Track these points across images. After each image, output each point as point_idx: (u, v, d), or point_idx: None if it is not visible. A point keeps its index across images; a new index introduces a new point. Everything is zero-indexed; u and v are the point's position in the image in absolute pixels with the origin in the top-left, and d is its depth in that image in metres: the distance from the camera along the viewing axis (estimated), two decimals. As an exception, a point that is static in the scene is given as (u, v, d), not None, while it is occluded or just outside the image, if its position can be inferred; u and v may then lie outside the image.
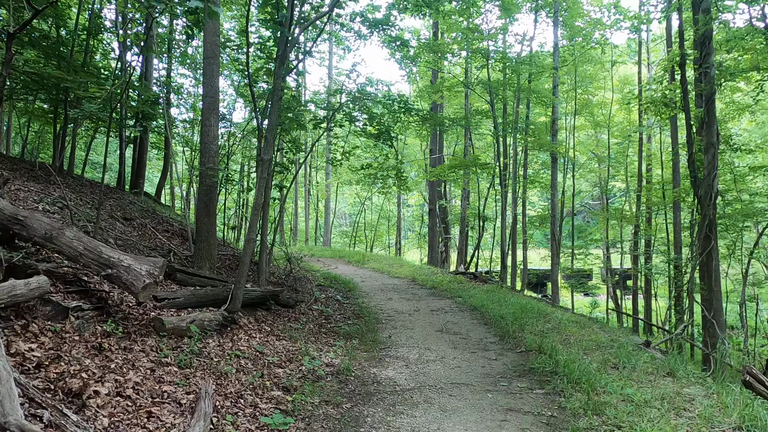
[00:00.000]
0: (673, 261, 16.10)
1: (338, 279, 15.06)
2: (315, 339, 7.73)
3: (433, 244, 21.54)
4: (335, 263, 20.19)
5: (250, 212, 8.97)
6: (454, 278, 15.87)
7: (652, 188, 23.04)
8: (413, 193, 41.86)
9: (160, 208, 13.83)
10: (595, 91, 26.38)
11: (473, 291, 13.57)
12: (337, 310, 10.54)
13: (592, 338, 8.73)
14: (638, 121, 22.13)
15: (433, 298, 12.92)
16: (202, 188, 8.98)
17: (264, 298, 8.40)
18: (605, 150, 27.40)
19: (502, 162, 15.70)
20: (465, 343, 8.35)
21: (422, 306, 11.69)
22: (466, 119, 15.95)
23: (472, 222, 25.50)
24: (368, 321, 9.72)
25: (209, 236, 8.91)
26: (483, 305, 11.32)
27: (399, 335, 8.72)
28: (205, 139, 8.88)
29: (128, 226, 9.96)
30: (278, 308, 8.99)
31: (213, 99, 8.94)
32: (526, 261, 21.45)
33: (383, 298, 12.69)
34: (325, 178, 31.44)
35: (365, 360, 7.05)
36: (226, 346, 6.30)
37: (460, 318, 10.41)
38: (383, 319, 10.11)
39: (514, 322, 9.51)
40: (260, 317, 8.07)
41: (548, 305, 13.20)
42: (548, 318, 10.42)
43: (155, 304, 6.52)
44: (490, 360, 7.36)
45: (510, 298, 12.34)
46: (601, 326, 10.67)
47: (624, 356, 7.20)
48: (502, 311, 10.54)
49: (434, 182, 21.05)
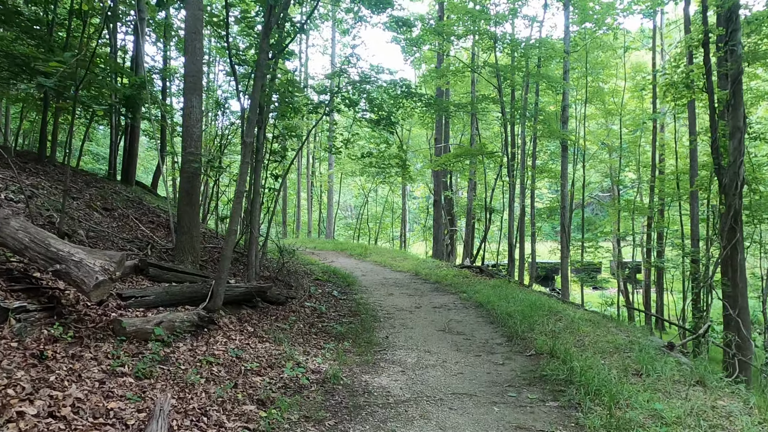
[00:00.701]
0: (690, 254, 15.28)
1: (337, 273, 14.38)
2: (303, 341, 7.02)
3: (438, 236, 20.79)
4: (336, 256, 19.50)
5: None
6: (459, 272, 15.13)
7: (665, 179, 22.18)
8: (419, 185, 41.07)
9: (150, 199, 13.15)
10: (606, 79, 25.45)
11: (479, 286, 12.83)
12: (332, 306, 9.84)
13: (609, 339, 7.98)
14: (652, 108, 21.22)
15: (436, 293, 12.20)
16: (184, 175, 8.26)
17: (249, 294, 7.70)
18: (616, 140, 26.49)
19: (510, 151, 14.88)
20: (469, 344, 7.62)
21: (424, 302, 10.97)
22: (473, 105, 15.12)
23: (478, 214, 24.72)
24: (365, 319, 9.01)
25: (192, 227, 8.20)
26: (489, 302, 10.59)
27: (397, 335, 8.00)
28: (187, 122, 8.15)
29: (107, 217, 9.27)
30: (266, 305, 8.29)
31: (195, 78, 8.20)
32: (535, 254, 20.64)
33: (383, 293, 11.98)
34: (328, 169, 30.64)
35: (357, 365, 6.33)
36: (198, 351, 5.59)
37: (465, 316, 9.68)
38: (382, 316, 9.40)
39: (523, 321, 8.77)
40: (244, 316, 7.37)
41: (558, 301, 12.44)
42: (559, 316, 9.66)
43: (120, 303, 5.82)
44: (497, 365, 6.62)
45: (518, 294, 11.58)
46: (617, 325, 9.90)
47: (647, 361, 6.44)
48: (509, 308, 9.81)
49: (440, 173, 20.28)
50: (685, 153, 25.55)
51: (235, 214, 6.89)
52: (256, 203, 9.35)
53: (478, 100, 15.51)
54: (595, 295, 33.30)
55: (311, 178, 31.31)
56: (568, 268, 17.88)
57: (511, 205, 14.92)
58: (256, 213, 9.34)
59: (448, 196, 22.50)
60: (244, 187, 6.91)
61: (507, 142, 14.55)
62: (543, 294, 13.62)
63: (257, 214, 9.38)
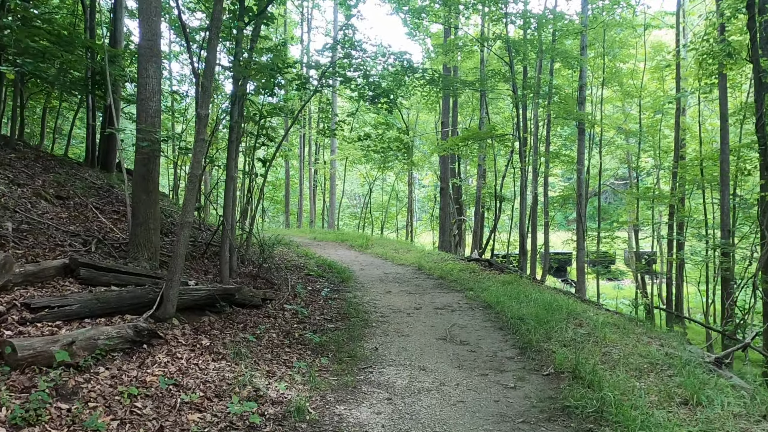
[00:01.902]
0: (720, 247, 13.90)
1: (333, 267, 13.15)
2: (272, 356, 5.79)
3: (445, 226, 19.50)
4: (336, 248, 18.28)
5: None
6: (467, 266, 13.85)
7: (688, 165, 20.69)
8: (427, 173, 39.68)
9: (124, 187, 11.93)
10: (625, 58, 23.90)
11: (487, 282, 11.56)
12: (318, 309, 8.61)
13: (641, 351, 6.70)
14: (676, 88, 19.69)
15: (439, 291, 10.94)
16: (138, 157, 7.03)
17: (212, 298, 6.47)
18: (633, 124, 25.01)
19: (522, 135, 13.54)
20: (474, 358, 6.36)
21: (425, 302, 9.72)
22: (481, 82, 13.75)
23: (488, 202, 23.41)
24: (354, 324, 7.77)
25: (148, 218, 6.99)
26: (498, 302, 9.32)
27: (389, 346, 6.76)
28: (141, 94, 6.91)
29: (59, 206, 8.08)
30: (237, 310, 7.08)
31: (151, 43, 6.95)
32: (548, 245, 19.35)
33: (380, 290, 10.74)
34: (330, 154, 29.29)
35: (333, 390, 5.10)
36: (126, 377, 4.38)
37: (470, 319, 8.42)
38: (374, 320, 8.16)
39: (538, 327, 7.50)
40: (204, 325, 6.15)
41: (577, 300, 11.15)
42: (580, 320, 8.38)
43: (27, 316, 4.61)
44: (507, 388, 5.36)
45: (531, 292, 10.31)
46: (646, 330, 8.61)
47: (696, 386, 5.16)
48: (521, 311, 8.54)
49: (447, 159, 18.96)
50: (709, 138, 24.05)
51: (188, 203, 5.66)
52: (230, 191, 8.12)
53: (488, 76, 14.13)
54: (610, 287, 31.93)
55: (314, 165, 30.00)
56: (584, 261, 16.55)
57: (523, 193, 13.60)
58: (230, 202, 8.11)
59: (456, 183, 21.19)
60: (198, 170, 5.67)
61: (519, 124, 13.19)
62: (559, 291, 12.32)
63: (231, 203, 8.14)
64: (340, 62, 10.63)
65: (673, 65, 19.28)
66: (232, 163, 8.13)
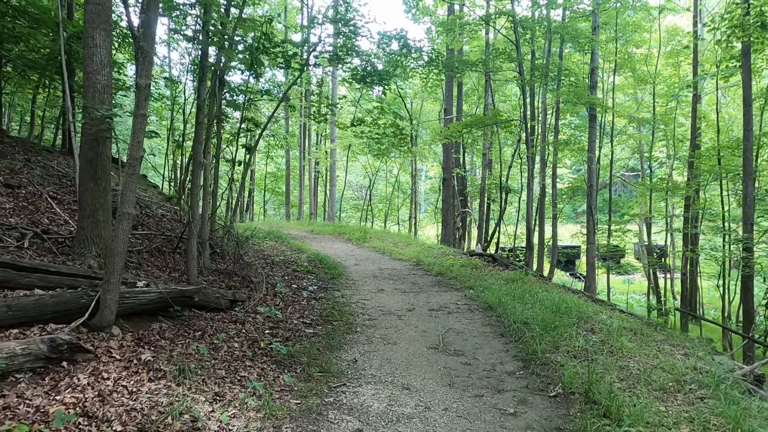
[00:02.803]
0: (743, 242, 12.87)
1: (325, 262, 12.25)
2: (227, 372, 4.88)
3: (448, 219, 18.54)
4: (333, 241, 17.39)
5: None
6: (468, 261, 12.92)
7: (703, 155, 19.57)
8: (433, 164, 38.62)
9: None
10: (638, 43, 22.73)
11: (490, 280, 10.63)
12: (298, 310, 7.71)
13: (664, 364, 5.76)
14: (693, 71, 18.56)
15: (437, 289, 10.01)
16: (85, 139, 6.13)
17: (163, 302, 5.57)
18: (646, 113, 23.89)
19: (529, 120, 12.53)
20: (468, 373, 5.44)
21: (420, 302, 8.80)
22: (485, 63, 12.74)
23: (494, 194, 22.41)
24: (336, 329, 6.87)
25: (97, 209, 6.09)
26: (501, 303, 8.39)
27: (371, 357, 5.84)
28: (88, 66, 6.01)
29: (5, 195, 7.21)
30: (199, 314, 6.18)
31: (99, 7, 6.04)
32: (556, 239, 18.35)
33: (372, 289, 9.83)
34: (331, 142, 28.24)
35: (292, 418, 4.19)
36: (24, 408, 3.49)
37: (468, 323, 7.49)
38: (360, 324, 7.25)
39: (544, 334, 6.57)
40: (151, 334, 5.26)
41: (587, 300, 10.20)
42: (591, 324, 7.45)
43: None
44: (505, 414, 4.44)
45: (537, 292, 9.37)
46: (666, 336, 7.65)
47: (737, 414, 4.21)
48: (526, 313, 7.61)
49: (450, 148, 17.97)
50: (726, 126, 22.92)
51: (127, 190, 4.75)
52: (197, 179, 7.21)
53: (493, 56, 13.09)
54: (620, 281, 30.89)
55: (312, 155, 29.01)
56: (594, 256, 15.57)
57: (530, 183, 12.62)
58: (197, 191, 7.21)
59: (459, 174, 20.19)
60: (139, 151, 4.75)
61: (525, 110, 12.19)
62: (568, 290, 11.36)
63: (198, 193, 7.24)
64: (336, 45, 9.68)
65: (690, 48, 18.15)
66: (200, 147, 7.22)
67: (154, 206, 11.43)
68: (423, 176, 50.40)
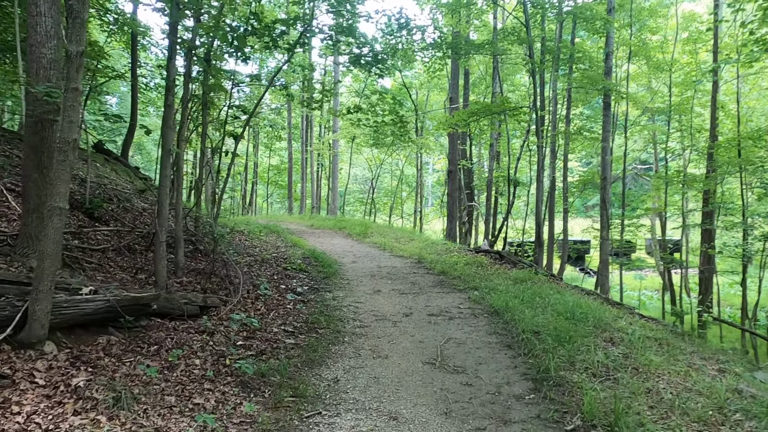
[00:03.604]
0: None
1: (320, 259, 11.43)
2: (178, 399, 4.07)
3: (453, 213, 17.67)
4: (332, 237, 16.59)
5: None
6: (474, 259, 12.07)
7: (723, 146, 18.57)
8: (439, 156, 37.64)
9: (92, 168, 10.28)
10: (654, 28, 21.67)
11: (496, 280, 9.78)
12: (281, 316, 6.90)
13: (700, 385, 4.92)
14: (713, 57, 17.52)
15: (438, 290, 9.18)
16: (29, 122, 5.33)
17: (112, 311, 4.77)
18: (661, 103, 22.85)
19: (539, 107, 11.62)
20: (469, 397, 4.61)
21: (419, 305, 7.97)
22: (493, 45, 11.81)
23: (501, 187, 21.51)
24: (321, 339, 6.06)
25: (42, 204, 5.30)
26: (508, 307, 7.54)
27: (356, 375, 5.03)
28: (31, 38, 5.20)
29: (-49, 187, 6.44)
30: (160, 323, 5.38)
31: (44, -31, 5.23)
32: (567, 234, 17.45)
33: (368, 289, 9.01)
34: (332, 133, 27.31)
35: (248, 462, 3.39)
36: None
37: (471, 332, 6.66)
38: (349, 333, 6.44)
39: (558, 346, 5.73)
40: (94, 350, 4.47)
41: (603, 303, 9.34)
42: (610, 333, 6.60)
43: None
44: (513, 457, 3.61)
45: (548, 294, 8.52)
46: (696, 347, 6.79)
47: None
48: (537, 320, 6.77)
49: (455, 138, 17.08)
50: (745, 117, 21.90)
51: (58, 181, 3.94)
52: (166, 168, 6.40)
53: (501, 37, 12.16)
54: (631, 277, 29.90)
55: (313, 147, 28.13)
56: (608, 253, 14.65)
57: (540, 175, 11.72)
58: (166, 182, 6.40)
59: (465, 165, 19.28)
60: (72, 134, 3.95)
61: (535, 96, 11.28)
62: (581, 291, 10.47)
63: (167, 184, 6.42)
64: (335, 25, 8.83)
65: (709, 33, 17.13)
66: (169, 133, 6.40)
67: (134, 199, 10.67)
68: (430, 169, 49.47)
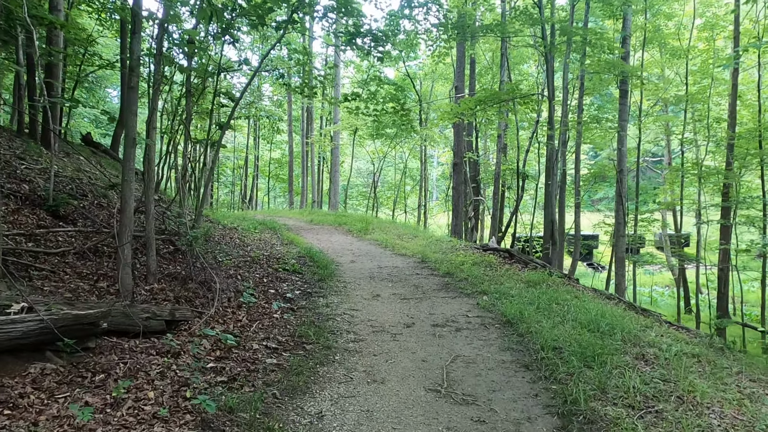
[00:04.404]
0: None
1: (316, 259, 10.60)
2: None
3: (458, 208, 16.78)
4: (331, 233, 15.75)
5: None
6: (482, 258, 11.20)
7: (743, 136, 17.59)
8: (444, 149, 36.64)
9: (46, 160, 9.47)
10: (669, 12, 20.62)
11: (507, 282, 8.92)
12: (264, 328, 6.05)
13: (758, 420, 4.05)
14: (734, 42, 16.53)
15: (444, 294, 8.32)
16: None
17: (47, 333, 3.92)
18: (676, 92, 21.85)
19: (552, 92, 10.69)
20: (482, 439, 3.76)
21: (422, 313, 7.12)
22: (502, 26, 10.87)
23: (509, 181, 20.61)
24: (308, 358, 5.22)
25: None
26: (523, 316, 6.68)
27: (345, 408, 4.18)
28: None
29: None
30: (114, 344, 4.54)
31: None
32: (579, 230, 16.55)
33: (366, 294, 8.17)
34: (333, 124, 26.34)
35: None
36: None
37: (482, 347, 5.80)
38: (341, 349, 5.59)
39: (585, 368, 4.88)
40: (21, 383, 3.63)
41: (625, 308, 8.47)
42: (641, 348, 5.75)
43: None
44: None
45: (566, 299, 7.67)
46: (741, 365, 5.91)
47: None
48: (556, 333, 5.91)
49: (461, 129, 16.17)
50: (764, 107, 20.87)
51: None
52: (130, 160, 5.55)
53: (510, 18, 11.24)
54: (640, 272, 28.96)
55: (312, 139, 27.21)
56: (624, 249, 13.74)
57: (552, 167, 10.81)
58: (130, 176, 5.54)
59: (471, 158, 18.36)
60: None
61: (549, 80, 10.37)
62: (601, 295, 9.58)
63: (131, 177, 5.56)
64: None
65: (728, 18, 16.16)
66: (133, 119, 5.55)
67: (114, 195, 9.84)
68: (434, 162, 48.49)
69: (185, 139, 9.21)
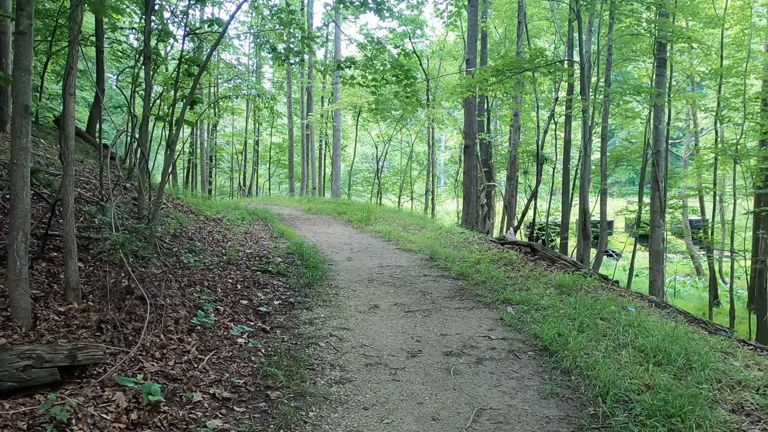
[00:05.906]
0: None
1: (306, 256, 8.99)
2: None
3: (470, 194, 15.12)
4: (328, 224, 14.15)
5: None
6: (500, 254, 9.56)
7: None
8: (452, 132, 34.78)
9: None
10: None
11: (535, 288, 7.29)
12: (219, 363, 4.46)
13: None
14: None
15: (458, 305, 6.70)
16: None
17: None
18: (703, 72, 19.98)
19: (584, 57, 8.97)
20: None
21: (431, 334, 5.51)
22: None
23: (524, 164, 18.92)
24: (266, 418, 3.63)
25: None
26: (564, 341, 5.05)
27: None
28: None
29: None
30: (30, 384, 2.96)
31: None
32: (605, 220, 14.86)
33: (361, 305, 6.57)
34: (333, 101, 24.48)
35: None
36: None
37: (514, 392, 4.18)
38: (317, 399, 4.00)
39: None
40: None
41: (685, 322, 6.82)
42: (735, 391, 4.13)
43: None
44: None
45: (613, 311, 6.04)
46: None
47: None
48: (614, 369, 4.29)
49: (472, 106, 14.47)
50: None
51: None
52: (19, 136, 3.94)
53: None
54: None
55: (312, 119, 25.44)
56: (660, 242, 12.03)
57: (587, 147, 9.09)
58: (20, 158, 3.94)
59: (484, 139, 16.64)
60: None
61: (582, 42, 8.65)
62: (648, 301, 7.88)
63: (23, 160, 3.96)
64: None
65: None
66: (24, 76, 3.93)
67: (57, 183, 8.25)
68: (442, 146, 46.60)
69: (144, 114, 7.61)
